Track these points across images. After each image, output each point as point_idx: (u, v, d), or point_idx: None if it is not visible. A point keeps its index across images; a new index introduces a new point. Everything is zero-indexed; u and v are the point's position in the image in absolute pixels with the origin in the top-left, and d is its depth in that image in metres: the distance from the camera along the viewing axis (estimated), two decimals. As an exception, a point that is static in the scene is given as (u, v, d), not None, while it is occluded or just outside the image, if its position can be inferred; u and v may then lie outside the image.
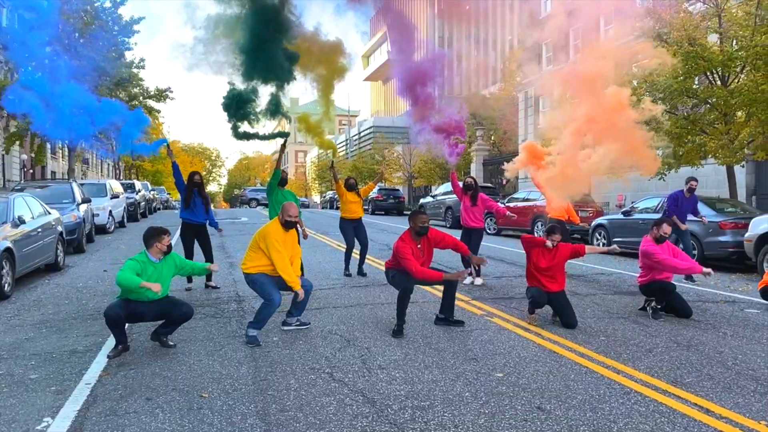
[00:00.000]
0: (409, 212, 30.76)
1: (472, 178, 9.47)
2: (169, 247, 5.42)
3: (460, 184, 9.27)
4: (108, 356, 5.17)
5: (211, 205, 8.83)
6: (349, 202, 9.74)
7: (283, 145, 8.11)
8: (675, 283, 7.04)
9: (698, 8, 14.77)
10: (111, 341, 5.45)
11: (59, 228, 10.94)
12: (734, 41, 13.27)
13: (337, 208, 39.56)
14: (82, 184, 19.24)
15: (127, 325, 5.72)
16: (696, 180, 10.24)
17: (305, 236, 8.47)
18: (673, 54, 12.88)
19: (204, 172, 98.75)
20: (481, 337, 5.83)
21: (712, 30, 13.89)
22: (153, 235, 5.37)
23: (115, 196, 19.17)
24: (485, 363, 4.99)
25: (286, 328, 6.10)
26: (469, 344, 5.58)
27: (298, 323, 6.13)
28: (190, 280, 8.57)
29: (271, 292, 5.67)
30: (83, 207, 14.13)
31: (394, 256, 6.03)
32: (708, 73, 13.65)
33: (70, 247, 12.62)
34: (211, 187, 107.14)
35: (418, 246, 6.09)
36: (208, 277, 8.68)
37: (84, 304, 7.56)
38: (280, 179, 8.29)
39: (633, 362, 5.05)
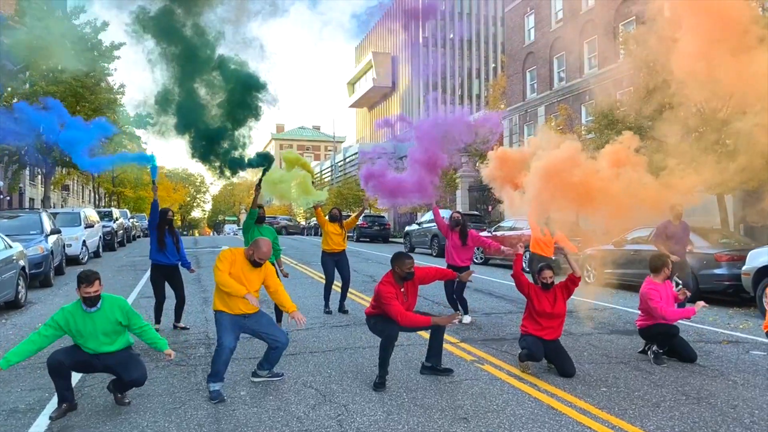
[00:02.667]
0: (397, 238, 30.09)
1: (459, 213, 8.97)
2: (88, 299, 4.63)
3: (445, 219, 8.80)
4: (50, 417, 4.57)
5: (182, 243, 8.26)
6: (331, 233, 9.22)
7: (259, 186, 7.60)
8: (677, 324, 6.58)
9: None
10: (56, 399, 4.84)
11: (21, 262, 10.30)
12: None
13: (320, 235, 38.96)
14: (55, 214, 18.60)
15: (79, 375, 5.13)
16: (681, 205, 9.64)
17: (285, 275, 7.94)
18: (662, 81, 12.64)
19: (188, 198, 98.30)
20: (472, 389, 5.29)
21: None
22: (77, 280, 4.68)
23: (89, 226, 18.49)
24: (477, 423, 4.45)
25: (255, 379, 5.52)
26: (458, 398, 5.04)
27: (269, 374, 5.56)
28: (178, 318, 8.05)
29: (221, 335, 5.10)
30: (52, 238, 13.48)
31: (376, 299, 5.49)
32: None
33: (35, 282, 11.98)
34: (195, 213, 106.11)
35: (402, 289, 5.56)
36: (178, 317, 8.09)
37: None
38: (257, 217, 7.77)
39: (640, 420, 4.54)
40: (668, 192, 7.33)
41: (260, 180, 7.45)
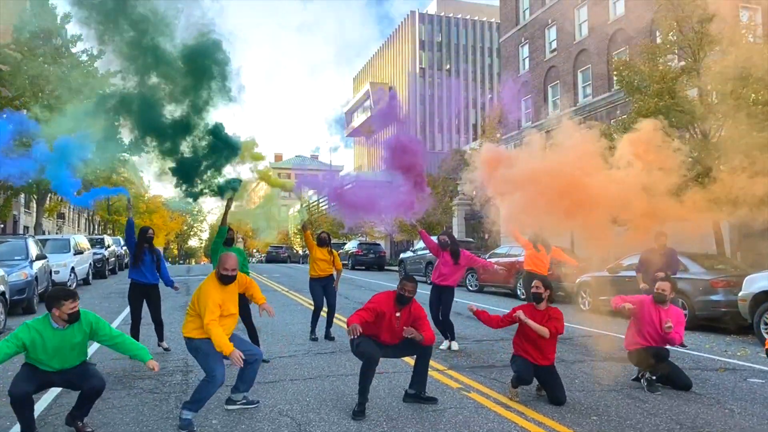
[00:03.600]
0: (393, 266, 29.80)
1: (447, 234, 8.79)
2: (73, 315, 4.48)
3: (434, 239, 8.63)
4: (11, 449, 4.32)
5: (166, 262, 8.08)
6: (318, 259, 8.99)
7: (230, 200, 7.42)
8: (669, 348, 6.36)
9: (676, 63, 14.71)
10: (16, 429, 4.58)
11: (1, 287, 10.07)
12: (714, 94, 13.08)
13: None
14: (45, 240, 18.39)
15: (44, 405, 4.87)
16: (664, 233, 9.43)
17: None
18: (654, 106, 12.64)
19: (185, 227, 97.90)
20: (456, 418, 5.04)
21: (692, 85, 13.74)
22: (52, 299, 4.49)
23: (79, 252, 18.25)
24: (458, 454, 4.20)
25: (229, 407, 5.26)
26: (440, 427, 4.79)
27: (244, 401, 5.30)
28: (160, 338, 7.90)
29: (214, 367, 4.87)
30: (38, 264, 13.25)
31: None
32: (690, 127, 13.39)
33: (18, 308, 11.72)
34: (192, 242, 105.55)
35: (397, 314, 5.35)
36: (160, 336, 7.88)
37: (8, 377, 6.65)
38: (226, 238, 7.57)
39: (631, 450, 4.30)
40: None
41: (230, 198, 7.22)
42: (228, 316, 5.08)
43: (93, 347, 8.10)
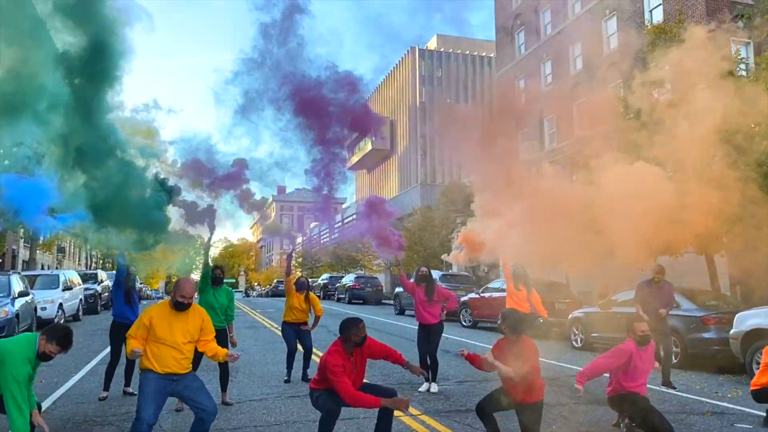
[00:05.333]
0: (390, 300, 29.47)
1: (426, 267, 8.62)
2: (52, 357, 4.50)
3: (411, 279, 8.47)
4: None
5: (138, 303, 7.96)
6: (293, 307, 8.80)
7: (208, 243, 7.28)
8: (651, 390, 6.09)
9: (665, 96, 14.68)
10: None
11: (-24, 326, 9.90)
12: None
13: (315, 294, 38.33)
14: (35, 276, 18.28)
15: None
16: (661, 269, 9.20)
17: (233, 343, 7.49)
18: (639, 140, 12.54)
19: (187, 260, 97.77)
20: (417, 470, 4.78)
21: (682, 117, 13.67)
22: (54, 336, 4.57)
23: (68, 288, 18.08)
24: None
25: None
26: (399, 481, 4.54)
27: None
28: (128, 382, 7.67)
29: (140, 406, 4.59)
30: (21, 301, 13.09)
31: (321, 372, 5.02)
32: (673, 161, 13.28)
33: (-3, 347, 11.52)
34: (195, 276, 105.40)
35: (351, 359, 5.11)
36: (127, 381, 7.65)
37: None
38: (213, 278, 7.40)
39: (597, 508, 4.04)
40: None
41: (209, 238, 7.12)
42: (165, 345, 4.75)
43: (59, 391, 7.89)
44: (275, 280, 51.15)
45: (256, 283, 76.91)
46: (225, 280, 7.89)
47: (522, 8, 31.48)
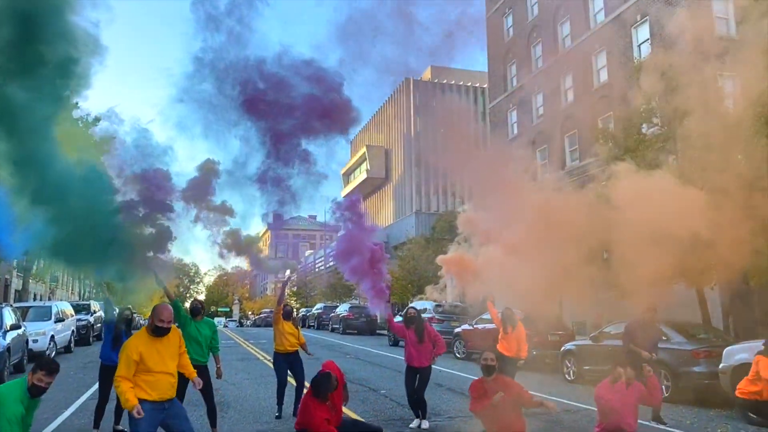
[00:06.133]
0: (384, 330, 29.24)
1: (414, 309, 8.66)
2: (45, 389, 4.52)
3: (399, 319, 8.52)
4: None
5: None
6: (286, 333, 8.83)
7: (156, 278, 7.20)
8: (642, 425, 6.14)
9: (653, 131, 14.96)
10: None
11: (-33, 361, 9.88)
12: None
13: (309, 326, 38.08)
14: (27, 307, 18.25)
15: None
16: (655, 308, 9.25)
17: (219, 375, 7.50)
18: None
19: (181, 289, 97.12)
20: None
21: (671, 153, 13.92)
22: (41, 367, 4.58)
23: (60, 320, 18.02)
24: None
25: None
26: None
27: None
28: (97, 425, 7.53)
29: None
30: (12, 334, 13.04)
31: (304, 415, 5.12)
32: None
33: (-13, 381, 11.46)
34: (188, 305, 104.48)
35: (329, 403, 5.21)
36: (117, 419, 7.62)
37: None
38: (192, 309, 7.43)
39: None
40: None
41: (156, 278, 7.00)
42: (160, 372, 4.82)
43: (50, 427, 7.87)
44: (263, 310, 51.11)
45: (250, 312, 76.43)
46: (219, 309, 7.92)
47: (514, 41, 32.11)
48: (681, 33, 14.15)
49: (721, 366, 9.29)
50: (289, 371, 8.81)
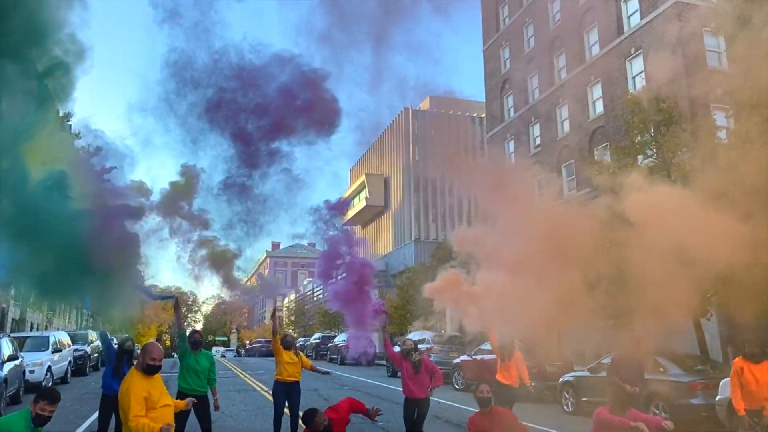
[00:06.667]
0: (383, 360, 28.98)
1: (412, 341, 8.70)
2: (48, 418, 4.55)
3: (396, 349, 8.55)
4: None
5: None
6: (285, 362, 8.88)
7: (176, 305, 7.35)
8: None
9: (648, 162, 15.18)
10: None
11: (-36, 393, 9.87)
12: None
13: (307, 356, 37.88)
14: (24, 338, 18.20)
15: None
16: (638, 339, 9.20)
17: (216, 407, 7.53)
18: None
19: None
20: None
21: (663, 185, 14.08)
22: (41, 397, 4.59)
23: (57, 350, 17.96)
24: None
25: None
26: None
27: None
28: None
29: None
30: (9, 365, 13.02)
31: None
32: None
33: (-17, 413, 11.42)
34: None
35: None
36: None
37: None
38: (192, 341, 7.50)
39: None
40: None
41: (176, 300, 7.12)
42: (163, 407, 4.90)
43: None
44: (253, 340, 50.84)
45: (247, 342, 75.90)
46: (217, 339, 7.99)
47: (510, 73, 32.63)
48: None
49: (717, 398, 9.30)
50: (286, 402, 8.82)
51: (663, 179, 13.92)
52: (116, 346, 7.70)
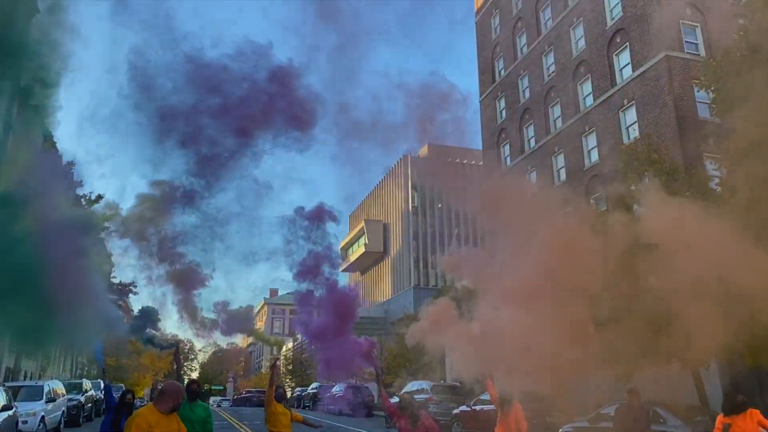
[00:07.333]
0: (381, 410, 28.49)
1: (409, 394, 8.65)
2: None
3: (394, 400, 8.50)
4: None
5: None
6: (279, 413, 8.82)
7: (176, 353, 7.40)
8: None
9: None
10: None
11: (-44, 445, 9.76)
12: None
13: (305, 407, 37.19)
14: (19, 387, 17.99)
15: None
16: (635, 390, 9.16)
17: None
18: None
19: (174, 366, 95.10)
20: None
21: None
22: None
23: (51, 399, 17.73)
24: None
25: None
26: None
27: None
28: None
29: None
30: (3, 415, 12.89)
31: None
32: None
33: (-25, 465, 11.25)
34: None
35: None
36: None
37: None
38: (189, 391, 7.50)
39: None
40: None
41: (176, 352, 7.16)
42: None
43: None
44: (244, 390, 50.17)
45: (244, 391, 74.62)
46: (213, 387, 7.96)
47: (506, 122, 33.30)
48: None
49: (717, 451, 9.19)
50: None
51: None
52: (117, 398, 7.71)
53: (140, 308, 7.21)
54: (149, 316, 7.11)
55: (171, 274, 7.24)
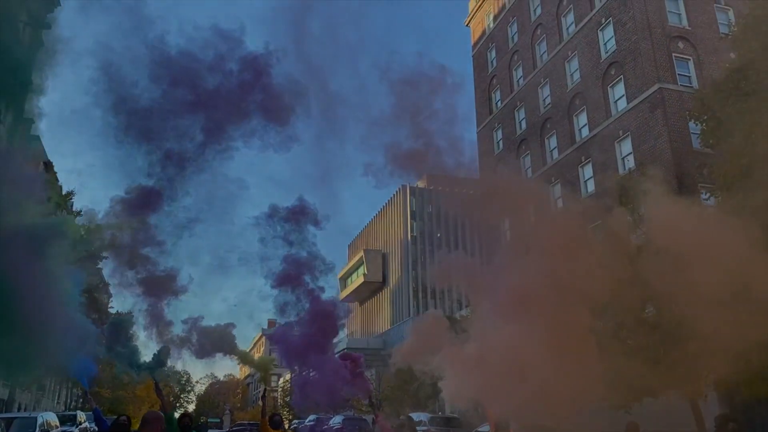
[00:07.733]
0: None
1: (407, 416, 8.66)
2: None
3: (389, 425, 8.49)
4: None
5: None
6: None
7: (156, 388, 7.31)
8: None
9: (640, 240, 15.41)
10: None
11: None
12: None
13: (302, 439, 36.58)
14: (12, 419, 17.82)
15: None
16: (635, 425, 9.12)
17: None
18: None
19: (171, 398, 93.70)
20: None
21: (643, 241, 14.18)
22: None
23: (45, 431, 17.53)
24: None
25: None
26: None
27: None
28: None
29: None
30: (-5, 448, 12.75)
31: None
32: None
33: (-35, 499, 11.08)
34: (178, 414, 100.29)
35: None
36: None
37: None
38: (181, 426, 7.46)
39: None
40: None
41: (156, 382, 7.09)
42: None
43: None
44: (235, 424, 49.48)
45: (234, 424, 73.50)
46: (209, 420, 7.87)
47: (503, 153, 33.62)
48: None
49: (715, 483, 9.08)
50: None
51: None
52: (110, 423, 7.64)
53: (110, 319, 6.86)
54: (121, 327, 6.87)
55: (141, 280, 7.03)
